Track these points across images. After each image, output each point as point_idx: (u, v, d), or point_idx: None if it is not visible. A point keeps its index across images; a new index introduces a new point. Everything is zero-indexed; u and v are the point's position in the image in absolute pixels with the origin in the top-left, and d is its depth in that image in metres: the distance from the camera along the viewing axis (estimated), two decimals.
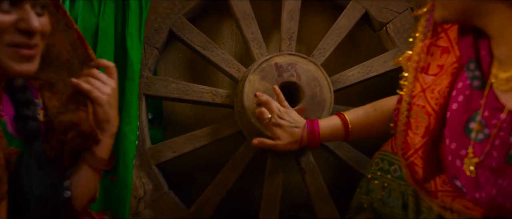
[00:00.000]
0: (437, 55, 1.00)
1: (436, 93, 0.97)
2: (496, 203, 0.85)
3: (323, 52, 1.65)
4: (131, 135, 1.52)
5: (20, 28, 0.84)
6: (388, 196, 1.14)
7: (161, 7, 1.62)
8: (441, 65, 0.99)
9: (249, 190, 2.02)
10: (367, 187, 1.20)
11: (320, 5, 1.89)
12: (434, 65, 1.00)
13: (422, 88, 1.00)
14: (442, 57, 0.99)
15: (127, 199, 1.52)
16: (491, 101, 0.86)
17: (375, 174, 1.19)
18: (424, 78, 1.01)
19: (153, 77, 1.63)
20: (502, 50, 0.83)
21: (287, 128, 1.33)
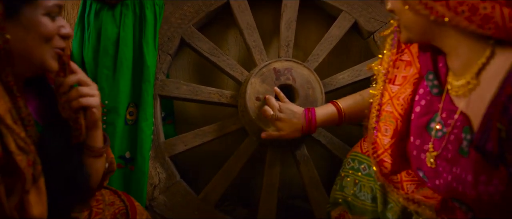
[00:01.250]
0: (401, 68, 1.13)
1: (401, 100, 1.11)
2: (452, 188, 0.98)
3: (317, 57, 1.82)
4: (147, 130, 1.67)
5: (62, 34, 1.00)
6: (359, 191, 1.28)
7: (173, 18, 1.79)
8: (405, 76, 1.12)
9: (251, 180, 2.16)
10: (341, 184, 1.34)
11: (315, 15, 2.05)
12: (399, 76, 1.13)
13: (390, 97, 1.14)
14: (406, 69, 1.12)
15: (144, 186, 1.68)
16: (447, 105, 1.00)
17: (347, 172, 1.33)
18: (391, 88, 1.14)
19: (166, 80, 1.79)
20: (455, 64, 0.97)
21: (287, 120, 1.50)
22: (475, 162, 0.87)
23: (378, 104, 1.16)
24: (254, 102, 1.68)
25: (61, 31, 1.00)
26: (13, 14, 0.90)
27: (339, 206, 1.35)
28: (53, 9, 0.96)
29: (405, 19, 0.95)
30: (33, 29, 0.94)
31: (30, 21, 0.93)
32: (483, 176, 0.86)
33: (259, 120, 1.67)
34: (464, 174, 0.91)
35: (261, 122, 1.67)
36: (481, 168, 0.86)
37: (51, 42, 0.98)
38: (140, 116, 1.67)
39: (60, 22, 1.00)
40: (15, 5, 0.90)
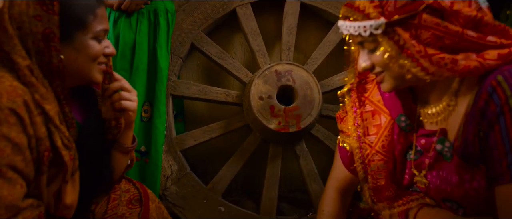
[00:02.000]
0: (370, 119, 1.18)
1: (381, 145, 1.16)
2: (441, 189, 1.07)
3: (316, 60, 1.99)
4: (160, 126, 1.82)
5: (106, 53, 1.16)
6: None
7: (184, 24, 1.96)
8: (377, 124, 1.18)
9: (254, 174, 2.30)
10: None
11: (315, 21, 2.20)
12: (371, 126, 1.18)
13: (372, 147, 1.19)
14: (375, 118, 1.18)
15: (158, 177, 1.82)
16: (423, 132, 1.10)
17: None
18: (369, 139, 1.17)
19: (178, 81, 1.96)
20: (432, 95, 1.07)
21: None
22: (458, 164, 1.00)
23: (360, 157, 1.21)
24: (257, 102, 1.84)
25: (105, 50, 1.16)
26: (67, 38, 1.07)
27: None
28: (100, 33, 1.12)
29: (395, 72, 1.01)
30: (83, 51, 1.11)
31: (81, 44, 1.10)
32: (466, 175, 0.99)
33: (262, 118, 1.83)
34: (450, 176, 1.03)
35: (264, 119, 1.83)
36: (463, 168, 0.99)
37: (97, 60, 1.15)
38: (154, 114, 1.82)
39: (105, 43, 1.16)
40: (69, 31, 1.07)
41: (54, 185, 1.09)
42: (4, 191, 0.97)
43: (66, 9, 1.08)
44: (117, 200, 1.38)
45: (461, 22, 0.93)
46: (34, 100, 1.04)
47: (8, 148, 0.98)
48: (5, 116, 0.97)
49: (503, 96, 0.90)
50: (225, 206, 1.95)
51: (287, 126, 1.86)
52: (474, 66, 0.90)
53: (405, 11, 0.91)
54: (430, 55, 0.91)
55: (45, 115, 1.05)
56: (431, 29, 0.92)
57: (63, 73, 1.08)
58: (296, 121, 1.88)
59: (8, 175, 0.99)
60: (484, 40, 0.94)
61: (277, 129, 1.85)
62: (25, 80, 1.03)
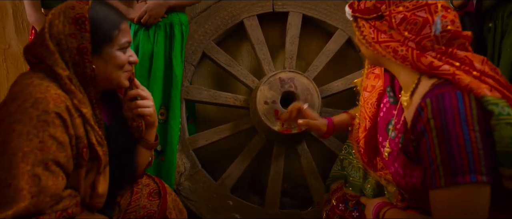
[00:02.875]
0: (371, 79, 1.42)
1: (369, 105, 1.39)
2: (394, 178, 1.25)
3: (316, 68, 2.14)
4: (175, 127, 1.97)
5: (131, 61, 1.31)
6: (351, 169, 1.59)
7: (196, 35, 2.11)
8: (373, 85, 1.40)
9: (260, 171, 2.42)
10: (341, 164, 1.64)
11: (316, 31, 2.34)
12: (369, 85, 1.41)
13: (364, 101, 1.43)
14: (375, 80, 1.40)
15: (173, 174, 1.96)
16: (399, 113, 1.26)
17: (344, 155, 1.64)
18: (364, 95, 1.43)
19: (190, 86, 2.11)
20: (401, 84, 1.24)
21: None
22: (402, 159, 1.15)
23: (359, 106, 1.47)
24: (263, 106, 2.00)
25: (130, 59, 1.32)
26: (97, 51, 1.23)
27: (338, 181, 1.64)
28: (125, 45, 1.28)
29: (364, 52, 1.25)
30: (111, 61, 1.26)
31: (109, 55, 1.25)
32: (408, 170, 1.13)
33: (267, 120, 1.98)
34: (399, 169, 1.19)
35: (268, 121, 1.98)
36: (406, 164, 1.14)
37: (124, 66, 1.30)
38: (170, 116, 1.97)
39: (129, 53, 1.32)
40: (98, 45, 1.23)
41: (90, 176, 1.25)
42: (49, 182, 1.11)
43: (95, 27, 1.22)
44: (139, 193, 1.52)
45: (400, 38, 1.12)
46: (74, 105, 1.19)
47: (53, 146, 1.12)
48: (51, 119, 1.12)
49: (426, 118, 1.02)
50: (233, 200, 2.08)
51: (289, 127, 2.00)
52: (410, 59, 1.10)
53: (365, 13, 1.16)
54: (380, 42, 1.12)
55: (83, 117, 1.21)
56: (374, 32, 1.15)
57: (95, 80, 1.23)
58: (297, 123, 2.00)
59: (52, 169, 1.12)
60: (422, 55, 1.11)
61: (280, 130, 1.99)
62: (66, 88, 1.19)
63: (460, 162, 0.98)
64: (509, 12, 1.90)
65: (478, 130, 0.97)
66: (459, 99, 1.00)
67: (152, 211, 1.50)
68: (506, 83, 1.09)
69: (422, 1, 1.10)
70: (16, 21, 2.36)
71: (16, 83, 1.19)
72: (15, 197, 1.10)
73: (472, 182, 0.96)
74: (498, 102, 0.99)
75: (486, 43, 1.99)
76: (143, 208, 1.49)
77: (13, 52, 2.38)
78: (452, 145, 0.98)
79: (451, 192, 0.99)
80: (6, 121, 1.12)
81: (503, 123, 0.97)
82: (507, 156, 0.97)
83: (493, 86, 1.04)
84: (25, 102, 1.13)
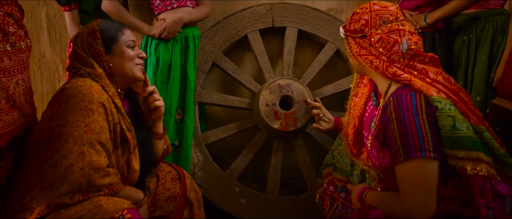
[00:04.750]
0: (362, 87, 1.71)
1: (358, 107, 1.70)
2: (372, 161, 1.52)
3: (309, 75, 2.43)
4: (190, 126, 2.22)
5: (139, 56, 1.56)
6: (341, 157, 1.86)
7: (207, 47, 2.38)
8: (362, 92, 1.71)
9: (261, 163, 2.64)
10: (332, 154, 1.92)
11: (310, 43, 2.60)
12: (359, 92, 1.72)
13: (354, 104, 1.73)
14: (364, 88, 1.71)
15: (188, 165, 2.21)
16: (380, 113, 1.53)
17: (335, 146, 1.92)
18: (354, 100, 1.74)
19: (202, 91, 2.38)
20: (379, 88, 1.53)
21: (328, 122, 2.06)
22: (377, 146, 1.44)
23: (349, 108, 1.78)
24: (264, 107, 2.27)
25: (139, 54, 1.58)
26: (108, 51, 1.50)
27: (328, 167, 1.91)
28: (129, 43, 1.52)
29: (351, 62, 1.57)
30: (122, 56, 1.51)
31: (119, 51, 1.50)
32: (380, 153, 1.42)
33: (268, 120, 2.26)
34: (375, 153, 1.47)
35: (269, 121, 2.26)
36: (379, 149, 1.43)
37: (134, 60, 1.55)
38: (185, 116, 2.22)
39: (137, 50, 1.56)
40: (108, 44, 1.50)
41: (124, 156, 1.50)
42: (93, 157, 1.31)
43: (103, 33, 1.50)
44: (163, 179, 1.77)
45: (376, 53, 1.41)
46: (110, 97, 1.45)
47: (97, 128, 1.34)
48: (96, 107, 1.37)
49: (389, 111, 1.32)
50: (240, 187, 2.34)
51: (287, 126, 2.26)
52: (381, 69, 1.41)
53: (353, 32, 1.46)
54: (361, 55, 1.44)
55: (116, 107, 1.46)
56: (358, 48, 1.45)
57: (114, 76, 1.51)
58: (294, 122, 2.26)
59: (96, 147, 1.34)
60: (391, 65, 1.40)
61: (279, 128, 2.25)
62: (102, 83, 1.46)
63: (413, 142, 1.25)
64: (482, 27, 2.20)
65: (426, 119, 1.27)
66: (412, 98, 1.30)
67: (175, 192, 1.75)
68: (455, 89, 1.40)
69: (395, 27, 1.42)
70: (49, 34, 2.59)
71: (64, 89, 1.42)
72: (65, 173, 1.28)
73: (422, 157, 1.23)
74: (441, 101, 1.29)
75: (460, 55, 2.28)
76: (168, 190, 1.74)
77: (47, 61, 2.62)
78: (407, 130, 1.26)
79: (408, 165, 1.26)
80: (62, 116, 1.35)
81: (445, 115, 1.26)
82: (448, 139, 1.25)
83: (440, 89, 1.35)
84: (75, 99, 1.36)
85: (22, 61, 1.43)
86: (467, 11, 2.22)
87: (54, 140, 1.33)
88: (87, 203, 1.29)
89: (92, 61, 1.48)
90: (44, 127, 1.37)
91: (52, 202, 1.27)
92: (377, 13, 1.45)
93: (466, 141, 1.25)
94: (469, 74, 2.24)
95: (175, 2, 2.18)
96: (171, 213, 1.74)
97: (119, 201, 1.33)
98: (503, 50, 2.12)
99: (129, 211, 1.30)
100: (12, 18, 1.40)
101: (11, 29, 1.39)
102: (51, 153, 1.31)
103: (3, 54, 1.35)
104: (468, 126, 1.29)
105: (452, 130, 1.25)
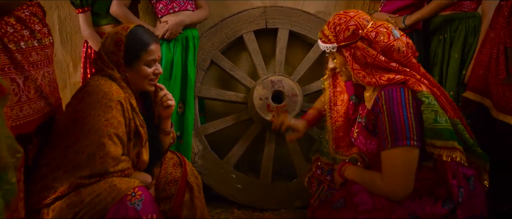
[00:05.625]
0: (338, 95, 1.83)
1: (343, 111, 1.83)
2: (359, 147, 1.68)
3: (299, 72, 2.62)
4: (190, 118, 2.39)
5: (155, 73, 1.69)
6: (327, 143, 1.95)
7: (206, 46, 2.55)
8: (342, 99, 1.81)
9: (255, 152, 2.80)
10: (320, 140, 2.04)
11: (300, 42, 2.77)
12: (338, 100, 1.83)
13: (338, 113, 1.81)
14: (341, 95, 1.82)
15: (189, 154, 2.39)
16: (363, 107, 1.71)
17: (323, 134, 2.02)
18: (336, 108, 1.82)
19: (202, 86, 2.56)
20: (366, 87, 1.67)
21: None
22: (365, 133, 1.61)
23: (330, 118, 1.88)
24: (258, 101, 2.46)
25: (155, 71, 1.67)
26: (128, 65, 1.60)
27: (316, 153, 2.04)
28: (150, 62, 1.63)
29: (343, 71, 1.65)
30: (138, 73, 1.63)
31: (137, 68, 1.61)
32: (368, 140, 1.59)
33: (262, 112, 2.45)
34: (362, 139, 1.64)
35: (262, 113, 2.44)
36: (367, 136, 1.60)
37: (148, 77, 1.65)
38: (186, 109, 2.39)
39: (154, 66, 1.65)
40: (129, 61, 1.59)
41: (136, 148, 1.66)
42: (111, 148, 1.47)
43: (128, 47, 1.59)
44: (166, 164, 1.91)
45: (378, 49, 1.48)
46: (126, 97, 1.60)
47: (115, 123, 1.49)
48: (114, 105, 1.52)
49: (381, 103, 1.46)
50: (236, 174, 2.52)
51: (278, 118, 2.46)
52: (373, 82, 1.53)
53: (347, 40, 1.50)
54: (354, 69, 1.53)
55: (131, 106, 1.61)
56: (360, 51, 1.49)
57: (129, 83, 1.65)
58: (284, 114, 2.45)
59: (114, 139, 1.49)
60: (388, 65, 1.48)
61: (271, 120, 2.42)
62: (121, 85, 1.61)
63: (400, 132, 1.40)
64: (455, 27, 2.39)
65: (412, 112, 1.43)
66: (402, 92, 1.47)
67: (177, 177, 1.87)
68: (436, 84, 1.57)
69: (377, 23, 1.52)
70: (61, 35, 2.76)
71: (88, 85, 1.58)
72: (88, 160, 1.44)
73: (407, 145, 1.40)
74: (428, 96, 1.46)
75: (436, 52, 2.47)
76: (170, 174, 1.87)
77: (58, 59, 2.79)
78: (395, 121, 1.42)
79: (394, 151, 1.42)
80: (86, 109, 1.51)
81: (429, 109, 1.44)
82: (429, 131, 1.42)
83: (427, 85, 1.51)
84: (97, 95, 1.52)
85: (47, 55, 1.60)
86: (443, 13, 2.41)
87: (77, 129, 1.49)
88: (103, 183, 1.45)
89: (112, 66, 1.62)
90: (68, 118, 1.55)
91: (73, 183, 1.45)
92: (358, 17, 1.54)
93: (444, 132, 1.43)
94: (444, 71, 2.43)
95: (176, 6, 2.36)
96: (173, 195, 1.87)
97: (130, 180, 1.50)
98: (474, 50, 2.31)
99: (139, 189, 1.48)
100: (37, 17, 1.57)
101: (37, 27, 1.55)
102: (73, 140, 1.49)
103: (31, 50, 1.52)
104: (447, 119, 1.47)
105: (433, 122, 1.43)
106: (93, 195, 1.43)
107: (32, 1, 1.58)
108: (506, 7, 1.92)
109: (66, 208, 1.41)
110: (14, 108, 1.47)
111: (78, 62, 2.79)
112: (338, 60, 1.58)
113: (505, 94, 1.90)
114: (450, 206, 1.47)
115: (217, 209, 2.51)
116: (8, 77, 1.46)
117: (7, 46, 1.44)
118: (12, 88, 1.47)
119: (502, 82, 1.91)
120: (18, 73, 1.48)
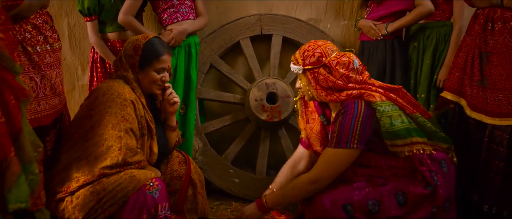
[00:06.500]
0: (309, 114, 1.91)
1: (316, 129, 1.87)
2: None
3: (292, 75, 2.78)
4: (192, 118, 2.55)
5: (163, 80, 1.85)
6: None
7: (206, 51, 2.72)
8: (313, 118, 1.90)
9: (252, 149, 2.93)
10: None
11: (293, 47, 2.83)
12: (310, 118, 1.91)
13: (311, 130, 1.89)
14: (312, 114, 1.90)
15: (190, 151, 2.54)
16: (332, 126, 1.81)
17: None
18: (309, 126, 1.90)
19: (202, 88, 2.72)
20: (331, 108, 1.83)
21: None
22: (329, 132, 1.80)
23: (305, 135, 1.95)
24: (254, 102, 2.63)
25: (162, 78, 1.82)
26: (141, 69, 1.77)
27: None
28: (160, 70, 1.79)
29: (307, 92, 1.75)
30: (147, 77, 1.79)
31: (147, 73, 1.78)
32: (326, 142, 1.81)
33: (257, 112, 2.61)
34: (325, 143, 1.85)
35: (258, 113, 2.60)
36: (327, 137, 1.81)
37: (156, 82, 1.81)
38: (188, 110, 2.55)
39: (163, 74, 1.81)
40: (142, 65, 1.76)
41: (148, 141, 1.82)
42: (128, 140, 1.62)
43: (145, 52, 1.76)
44: (172, 162, 2.05)
45: (338, 76, 1.67)
46: (137, 97, 1.77)
47: (129, 119, 1.65)
48: (128, 104, 1.68)
49: (337, 116, 1.66)
50: (233, 169, 2.69)
51: (272, 117, 2.60)
52: (334, 99, 1.69)
53: (312, 65, 1.69)
54: (317, 89, 1.70)
55: (142, 104, 1.77)
56: (322, 76, 1.68)
57: (140, 86, 1.82)
58: (278, 114, 2.61)
59: (130, 133, 1.64)
60: (346, 86, 1.67)
61: (266, 119, 2.59)
62: (133, 86, 1.78)
63: (344, 137, 1.62)
64: (428, 35, 2.59)
65: (361, 121, 1.62)
66: (355, 105, 1.66)
67: (181, 173, 2.00)
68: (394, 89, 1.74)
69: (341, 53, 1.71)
70: (70, 41, 2.92)
71: (102, 86, 1.74)
72: (107, 151, 1.59)
73: (347, 148, 1.62)
74: (381, 104, 1.64)
75: (412, 58, 2.66)
76: (175, 171, 2.00)
77: (68, 63, 2.95)
78: (343, 128, 1.62)
79: (334, 150, 1.65)
80: (101, 107, 1.68)
81: (385, 116, 1.63)
82: (388, 134, 1.62)
83: (381, 94, 1.69)
84: (112, 95, 1.69)
85: (57, 58, 1.80)
86: (419, 22, 2.62)
87: (94, 124, 1.66)
88: (123, 173, 1.61)
89: (128, 68, 1.80)
90: (83, 114, 1.72)
91: (96, 173, 1.61)
92: (325, 46, 1.72)
93: (401, 132, 1.64)
94: (418, 75, 2.64)
95: (180, 16, 2.52)
96: (177, 190, 2.00)
97: (147, 172, 1.66)
98: (445, 56, 2.52)
99: (156, 179, 1.64)
100: (48, 25, 1.76)
101: (48, 33, 1.73)
102: (92, 134, 1.65)
103: (45, 52, 1.71)
104: (403, 119, 1.65)
105: (390, 126, 1.63)
106: (115, 184, 1.58)
107: (42, 10, 1.77)
108: (482, 15, 2.08)
109: (90, 195, 1.58)
110: (33, 103, 1.66)
111: (86, 66, 2.94)
112: (303, 81, 1.74)
113: (478, 95, 2.08)
114: (432, 188, 1.65)
115: (216, 202, 2.65)
116: (27, 76, 1.66)
117: (26, 49, 1.65)
118: (31, 85, 1.66)
119: (476, 84, 2.09)
120: (36, 73, 1.68)
